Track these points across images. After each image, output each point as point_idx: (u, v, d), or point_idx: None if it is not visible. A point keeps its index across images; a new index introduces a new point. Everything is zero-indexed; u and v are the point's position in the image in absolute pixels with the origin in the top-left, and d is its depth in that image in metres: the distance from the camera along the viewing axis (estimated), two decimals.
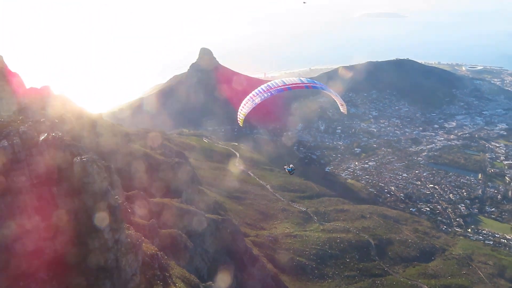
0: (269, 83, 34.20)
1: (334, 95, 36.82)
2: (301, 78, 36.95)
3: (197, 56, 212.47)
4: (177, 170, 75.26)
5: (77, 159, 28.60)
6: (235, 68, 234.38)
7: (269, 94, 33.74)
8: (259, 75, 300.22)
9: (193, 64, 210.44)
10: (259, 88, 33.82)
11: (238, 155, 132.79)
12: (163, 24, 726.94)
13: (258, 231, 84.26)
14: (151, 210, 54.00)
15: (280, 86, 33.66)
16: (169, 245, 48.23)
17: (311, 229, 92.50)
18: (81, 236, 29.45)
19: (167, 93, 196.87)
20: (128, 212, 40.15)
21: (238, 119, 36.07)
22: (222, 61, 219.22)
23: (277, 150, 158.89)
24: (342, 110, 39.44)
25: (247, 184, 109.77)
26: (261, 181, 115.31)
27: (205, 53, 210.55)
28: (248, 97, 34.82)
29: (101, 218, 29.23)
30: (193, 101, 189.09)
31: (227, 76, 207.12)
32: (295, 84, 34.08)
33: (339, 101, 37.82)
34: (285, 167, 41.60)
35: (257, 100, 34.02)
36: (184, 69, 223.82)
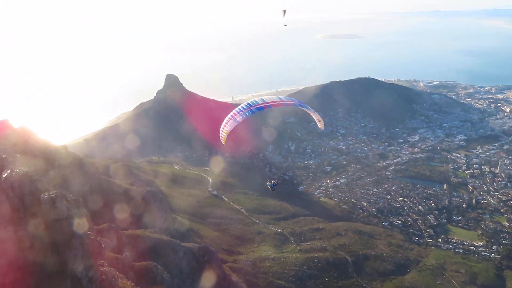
0: (249, 101, 34.62)
1: (311, 111, 38.05)
2: (280, 96, 37.38)
3: (163, 83, 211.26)
4: (148, 199, 73.49)
5: (44, 195, 27.23)
6: (202, 93, 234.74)
7: (250, 112, 34.03)
8: (227, 99, 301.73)
9: (159, 90, 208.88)
10: (239, 107, 34.23)
11: (210, 180, 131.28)
12: (125, 51, 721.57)
13: (235, 257, 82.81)
14: (123, 242, 52.07)
15: (260, 104, 34.05)
16: (145, 279, 46.43)
17: (288, 251, 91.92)
18: (52, 277, 27.83)
19: (133, 121, 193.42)
20: (102, 248, 38.49)
21: (221, 137, 36.25)
22: (188, 87, 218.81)
23: (249, 173, 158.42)
24: (319, 126, 40.69)
25: (222, 209, 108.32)
26: (235, 205, 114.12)
27: (171, 79, 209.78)
28: (229, 115, 34.99)
29: (73, 257, 27.79)
30: (161, 128, 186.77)
31: (195, 101, 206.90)
32: (274, 102, 34.77)
33: (316, 117, 38.89)
34: (267, 183, 41.61)
35: (239, 118, 34.31)
36: (150, 96, 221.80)
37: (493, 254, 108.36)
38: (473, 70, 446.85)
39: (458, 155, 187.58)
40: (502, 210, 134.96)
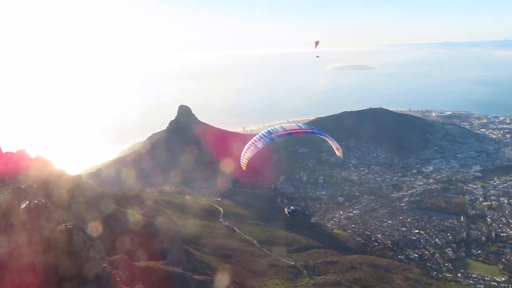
0: (269, 129, 35.90)
1: (330, 139, 39.03)
2: (299, 124, 39.49)
3: (175, 113, 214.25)
4: (160, 230, 72.81)
5: (61, 226, 27.09)
6: (213, 123, 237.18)
7: (271, 139, 35.31)
8: (238, 129, 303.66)
9: (171, 121, 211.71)
10: (260, 134, 35.65)
11: (222, 210, 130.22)
12: (137, 84, 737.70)
13: None
14: (135, 274, 51.32)
15: (280, 132, 35.43)
16: None
17: (302, 284, 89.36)
18: None
19: (146, 151, 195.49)
20: (117, 281, 37.89)
21: (242, 163, 37.96)
22: (200, 117, 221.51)
23: (261, 203, 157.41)
24: (338, 154, 41.82)
25: (233, 240, 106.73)
26: (247, 237, 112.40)
27: (184, 110, 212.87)
28: (250, 142, 36.40)
29: None
30: (173, 158, 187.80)
31: (207, 131, 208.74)
32: (294, 130, 36.41)
33: (335, 145, 40.45)
34: (285, 208, 43.02)
35: (260, 145, 35.60)
36: (163, 126, 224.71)
37: None
38: (486, 100, 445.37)
39: (475, 186, 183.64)
40: None
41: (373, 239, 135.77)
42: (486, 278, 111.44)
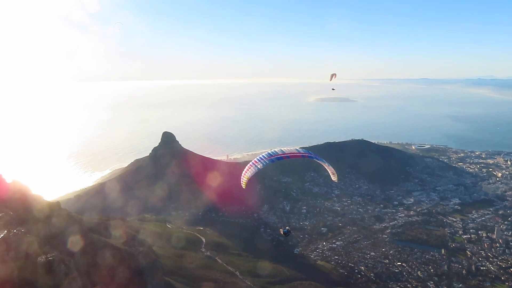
0: (269, 151, 38.22)
1: (326, 164, 41.43)
2: (297, 149, 41.18)
3: (159, 140, 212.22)
4: (140, 260, 70.32)
5: (41, 258, 25.47)
6: (197, 151, 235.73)
7: (270, 161, 37.33)
8: (222, 157, 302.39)
9: (155, 147, 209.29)
10: (260, 156, 38.18)
11: (204, 240, 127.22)
12: (120, 109, 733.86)
13: None
14: None
15: (279, 155, 37.61)
16: None
17: None
18: None
19: (127, 177, 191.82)
20: None
21: (242, 182, 40.68)
22: (184, 144, 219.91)
23: (243, 233, 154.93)
24: (333, 179, 44.44)
25: (215, 271, 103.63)
26: (229, 267, 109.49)
27: (167, 137, 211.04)
28: (251, 163, 38.81)
29: None
30: (155, 185, 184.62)
31: (190, 159, 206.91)
32: (293, 153, 38.21)
33: (331, 171, 42.35)
34: (280, 229, 44.89)
35: (259, 165, 37.79)
36: (146, 153, 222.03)
37: None
38: (462, 135, 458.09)
39: (454, 219, 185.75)
40: (502, 278, 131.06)
41: (356, 271, 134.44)
42: None
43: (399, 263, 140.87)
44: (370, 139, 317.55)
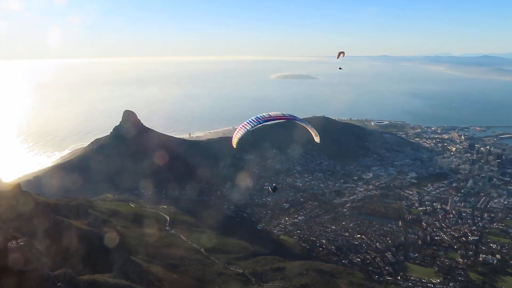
0: (257, 115, 41.45)
1: (309, 127, 45.40)
2: (283, 113, 43.67)
3: (120, 119, 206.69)
4: (105, 241, 69.58)
5: (12, 244, 24.80)
6: (160, 129, 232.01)
7: (259, 123, 40.70)
8: (185, 135, 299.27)
9: (116, 126, 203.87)
10: (249, 119, 41.11)
11: (168, 218, 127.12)
12: (80, 87, 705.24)
13: None
14: None
15: (266, 118, 40.86)
16: None
17: None
18: None
19: (88, 157, 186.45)
20: None
21: (233, 143, 43.12)
22: (146, 123, 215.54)
23: (207, 210, 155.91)
24: (316, 140, 47.90)
25: (180, 249, 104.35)
26: (194, 245, 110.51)
27: (129, 115, 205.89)
28: (241, 125, 41.76)
29: None
30: (116, 164, 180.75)
31: (153, 137, 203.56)
32: (278, 116, 41.88)
33: (313, 132, 46.71)
34: (269, 186, 50.34)
35: (248, 127, 40.89)
36: (106, 132, 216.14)
37: None
38: (419, 111, 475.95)
39: (411, 192, 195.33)
40: (455, 247, 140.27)
41: (318, 244, 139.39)
42: (423, 280, 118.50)
43: (359, 236, 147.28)
44: (331, 116, 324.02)
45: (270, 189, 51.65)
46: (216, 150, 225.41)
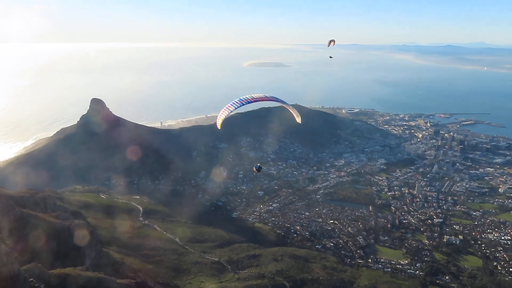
0: (241, 97, 42.73)
1: (290, 107, 47.19)
2: (266, 95, 45.00)
3: (87, 107, 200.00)
4: (76, 233, 67.48)
5: None
6: (130, 118, 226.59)
7: (241, 104, 42.13)
8: (156, 124, 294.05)
9: (83, 115, 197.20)
10: (233, 101, 42.74)
11: (141, 208, 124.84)
12: (42, 73, 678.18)
13: None
14: (51, 283, 46.89)
15: (249, 99, 42.28)
16: None
17: (226, 280, 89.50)
18: None
19: (54, 147, 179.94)
20: None
21: (217, 123, 45.61)
22: (115, 111, 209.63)
23: (181, 200, 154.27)
24: (298, 121, 50.10)
25: (154, 239, 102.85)
26: (168, 235, 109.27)
27: (97, 103, 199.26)
28: (225, 107, 43.32)
29: None
30: (84, 154, 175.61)
31: (122, 127, 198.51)
32: (260, 98, 43.29)
33: (295, 113, 48.77)
34: (254, 167, 53.29)
35: (232, 108, 42.52)
36: (73, 121, 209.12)
37: (417, 271, 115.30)
38: (388, 99, 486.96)
39: (380, 178, 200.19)
40: (421, 229, 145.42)
41: (292, 231, 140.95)
42: (392, 262, 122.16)
43: (332, 221, 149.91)
44: (303, 104, 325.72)
45: (254, 169, 53.47)
46: (189, 139, 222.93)
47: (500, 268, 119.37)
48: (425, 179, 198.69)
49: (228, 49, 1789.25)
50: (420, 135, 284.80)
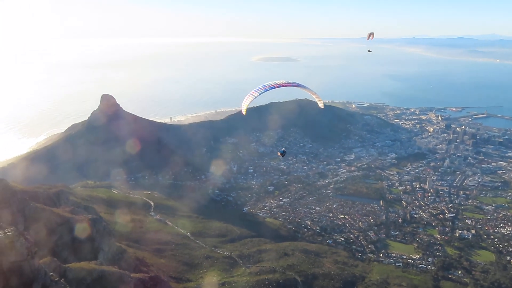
0: (264, 83, 44.95)
1: (312, 92, 49.38)
2: (288, 81, 47.79)
3: (98, 103, 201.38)
4: (90, 228, 68.16)
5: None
6: (140, 114, 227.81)
7: (265, 90, 44.10)
8: (166, 120, 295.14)
9: (94, 111, 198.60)
10: (256, 87, 44.64)
11: (152, 204, 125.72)
12: (46, 72, 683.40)
13: (185, 284, 79.15)
14: (67, 277, 47.43)
15: (273, 85, 44.49)
16: None
17: (238, 274, 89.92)
18: None
19: (66, 143, 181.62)
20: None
21: (242, 109, 48.09)
22: (126, 107, 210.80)
23: (191, 194, 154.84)
24: (320, 106, 52.34)
25: (166, 234, 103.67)
26: (180, 229, 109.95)
27: (107, 99, 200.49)
28: (249, 93, 45.25)
29: None
30: (96, 150, 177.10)
31: (133, 122, 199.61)
32: (284, 84, 45.94)
33: (317, 98, 50.56)
34: (278, 152, 55.16)
35: (256, 94, 44.41)
36: (84, 117, 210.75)
37: (429, 266, 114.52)
38: (398, 93, 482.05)
39: (391, 173, 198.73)
40: (433, 224, 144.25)
41: (302, 225, 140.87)
42: (404, 257, 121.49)
43: (342, 216, 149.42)
44: (312, 99, 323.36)
45: (279, 153, 55.89)
46: (199, 134, 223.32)
47: None
48: (436, 174, 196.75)
49: (237, 44, 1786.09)
50: (431, 129, 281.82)
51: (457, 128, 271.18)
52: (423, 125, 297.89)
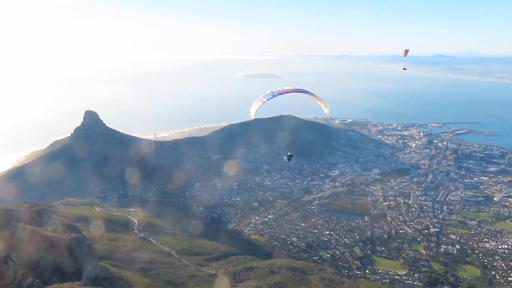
0: (272, 89, 46.97)
1: (318, 98, 51.20)
2: (295, 87, 49.82)
3: (81, 119, 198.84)
4: (74, 247, 66.28)
5: None
6: (123, 130, 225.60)
7: (273, 96, 46.19)
8: (149, 136, 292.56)
9: (77, 127, 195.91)
10: (265, 93, 46.64)
11: (136, 221, 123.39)
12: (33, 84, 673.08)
13: None
14: None
15: (280, 91, 46.76)
16: None
17: None
18: None
19: (47, 160, 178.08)
20: None
21: (251, 114, 48.62)
22: (109, 124, 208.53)
23: (176, 212, 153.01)
24: (325, 112, 52.96)
25: (150, 252, 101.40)
26: (164, 247, 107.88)
27: (91, 116, 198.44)
28: (258, 98, 46.99)
29: None
30: (78, 167, 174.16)
31: (116, 138, 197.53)
32: (290, 90, 48.11)
33: (323, 104, 52.35)
34: (284, 157, 55.22)
35: (265, 99, 46.37)
36: (67, 133, 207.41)
37: (416, 282, 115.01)
38: (380, 109, 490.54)
39: (375, 188, 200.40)
40: (418, 239, 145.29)
41: (288, 242, 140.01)
42: (390, 273, 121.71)
43: (328, 232, 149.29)
44: (296, 115, 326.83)
45: (285, 157, 55.09)
46: (183, 150, 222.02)
47: (498, 278, 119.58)
48: (420, 189, 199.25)
49: (218, 61, 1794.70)
50: (414, 145, 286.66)
51: (439, 144, 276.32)
52: (406, 140, 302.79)
